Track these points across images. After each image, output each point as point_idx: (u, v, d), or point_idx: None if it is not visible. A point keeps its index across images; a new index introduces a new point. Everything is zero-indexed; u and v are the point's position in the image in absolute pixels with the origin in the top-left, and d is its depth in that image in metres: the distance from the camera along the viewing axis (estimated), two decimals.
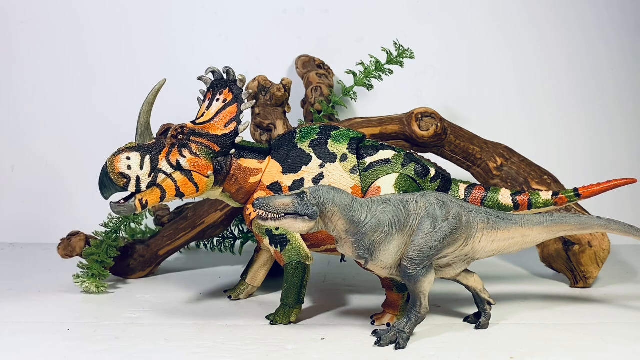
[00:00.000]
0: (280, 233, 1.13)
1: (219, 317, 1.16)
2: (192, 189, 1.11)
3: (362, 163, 1.15)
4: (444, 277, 1.09)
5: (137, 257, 1.42)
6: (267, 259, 1.27)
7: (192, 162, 1.10)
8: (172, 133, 1.11)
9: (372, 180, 1.14)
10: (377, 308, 1.17)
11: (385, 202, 1.03)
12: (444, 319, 1.16)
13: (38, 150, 1.77)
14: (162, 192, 1.10)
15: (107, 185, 1.09)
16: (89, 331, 1.08)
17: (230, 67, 1.16)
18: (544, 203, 1.17)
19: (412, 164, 1.16)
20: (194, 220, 1.43)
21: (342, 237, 1.01)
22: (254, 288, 1.28)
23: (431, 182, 1.16)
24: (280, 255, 1.14)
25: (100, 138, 1.68)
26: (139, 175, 1.08)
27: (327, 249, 1.17)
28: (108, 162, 1.09)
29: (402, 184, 1.13)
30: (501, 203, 1.17)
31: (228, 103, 1.15)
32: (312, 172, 1.14)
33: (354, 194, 1.13)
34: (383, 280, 1.14)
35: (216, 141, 1.13)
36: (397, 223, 1.01)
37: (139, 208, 1.09)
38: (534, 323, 1.13)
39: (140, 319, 1.15)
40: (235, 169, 1.14)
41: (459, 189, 1.18)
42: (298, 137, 1.17)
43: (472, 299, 1.13)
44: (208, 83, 1.18)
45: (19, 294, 1.29)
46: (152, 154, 1.10)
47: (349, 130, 1.18)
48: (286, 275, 1.14)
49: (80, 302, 1.25)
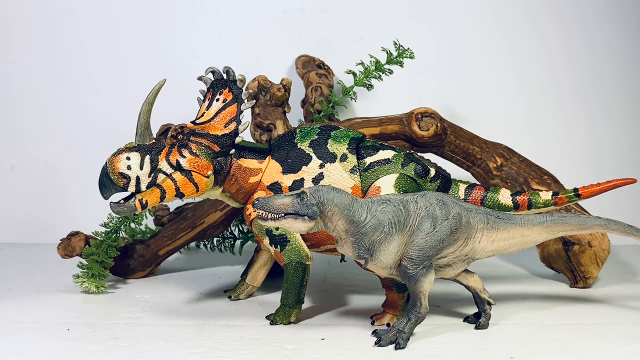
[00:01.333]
0: (280, 233, 1.13)
1: (219, 317, 1.16)
2: (192, 189, 1.11)
3: (362, 163, 1.15)
4: (444, 277, 1.09)
5: (137, 257, 1.42)
6: (267, 259, 1.27)
7: (192, 162, 1.10)
8: (172, 133, 1.11)
9: (372, 180, 1.14)
10: (377, 308, 1.17)
11: (385, 202, 1.03)
12: (444, 319, 1.16)
13: (38, 150, 1.77)
14: (162, 192, 1.10)
15: (107, 186, 1.09)
16: (89, 331, 1.08)
17: (230, 67, 1.16)
18: (544, 203, 1.17)
19: (412, 164, 1.16)
20: (194, 220, 1.43)
21: (342, 237, 1.01)
22: (254, 288, 1.28)
23: (431, 182, 1.16)
24: (280, 255, 1.14)
25: (100, 138, 1.68)
26: (138, 176, 1.08)
27: (327, 249, 1.17)
28: (108, 162, 1.08)
29: (402, 184, 1.13)
30: (501, 203, 1.17)
31: (228, 103, 1.15)
32: (312, 172, 1.14)
33: (354, 194, 1.13)
34: (383, 280, 1.14)
35: (216, 141, 1.12)
36: (397, 223, 1.01)
37: (138, 208, 1.08)
38: (534, 323, 1.13)
39: (140, 319, 1.15)
40: (235, 169, 1.14)
41: (458, 189, 1.18)
42: (298, 137, 1.17)
43: (472, 299, 1.13)
44: (208, 83, 1.18)
45: (19, 294, 1.29)
46: (152, 154, 1.10)
47: (348, 130, 1.18)
48: (286, 275, 1.14)
49: (80, 302, 1.25)
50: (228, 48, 1.77)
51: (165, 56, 1.76)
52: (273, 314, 1.14)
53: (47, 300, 1.25)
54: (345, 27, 1.77)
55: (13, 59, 1.77)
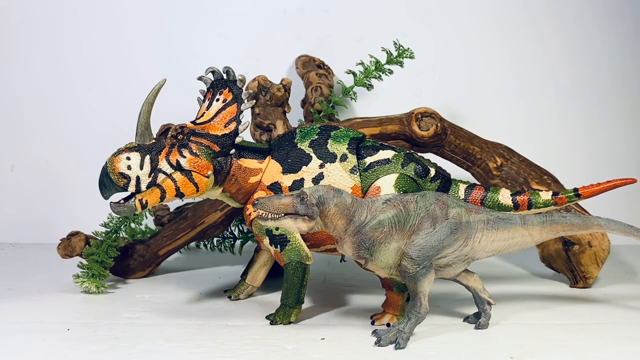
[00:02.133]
0: (280, 233, 1.13)
1: (219, 317, 1.16)
2: (192, 189, 1.11)
3: (362, 163, 1.15)
4: (444, 277, 1.09)
5: (137, 257, 1.42)
6: (267, 259, 1.27)
7: (192, 162, 1.10)
8: (172, 133, 1.11)
9: (372, 180, 1.14)
10: (377, 308, 1.17)
11: (385, 202, 1.03)
12: (444, 319, 1.16)
13: (38, 150, 1.77)
14: (162, 192, 1.10)
15: (107, 185, 1.09)
16: (89, 331, 1.08)
17: (230, 67, 1.16)
18: (544, 203, 1.17)
19: (412, 163, 1.16)
20: (194, 220, 1.43)
21: (342, 237, 1.01)
22: (254, 288, 1.28)
23: (431, 182, 1.16)
24: (280, 255, 1.14)
25: (100, 138, 1.68)
26: (139, 175, 1.08)
27: (327, 249, 1.17)
28: (108, 162, 1.08)
29: (402, 184, 1.13)
30: (501, 203, 1.17)
31: (228, 103, 1.15)
32: (312, 172, 1.14)
33: (354, 194, 1.13)
34: (383, 280, 1.14)
35: (216, 141, 1.12)
36: (397, 223, 1.01)
37: (139, 208, 1.08)
38: (534, 323, 1.13)
39: (140, 319, 1.15)
40: (235, 169, 1.14)
41: (459, 189, 1.18)
42: (298, 137, 1.17)
43: (472, 299, 1.13)
44: (208, 83, 1.18)
45: (19, 294, 1.29)
46: (152, 154, 1.10)
47: (348, 130, 1.18)
48: (286, 275, 1.14)
49: (80, 302, 1.25)
50: (228, 48, 1.77)
51: (165, 56, 1.76)
52: (273, 314, 1.14)
53: (47, 300, 1.25)
54: (345, 27, 1.77)
55: (13, 59, 1.77)
